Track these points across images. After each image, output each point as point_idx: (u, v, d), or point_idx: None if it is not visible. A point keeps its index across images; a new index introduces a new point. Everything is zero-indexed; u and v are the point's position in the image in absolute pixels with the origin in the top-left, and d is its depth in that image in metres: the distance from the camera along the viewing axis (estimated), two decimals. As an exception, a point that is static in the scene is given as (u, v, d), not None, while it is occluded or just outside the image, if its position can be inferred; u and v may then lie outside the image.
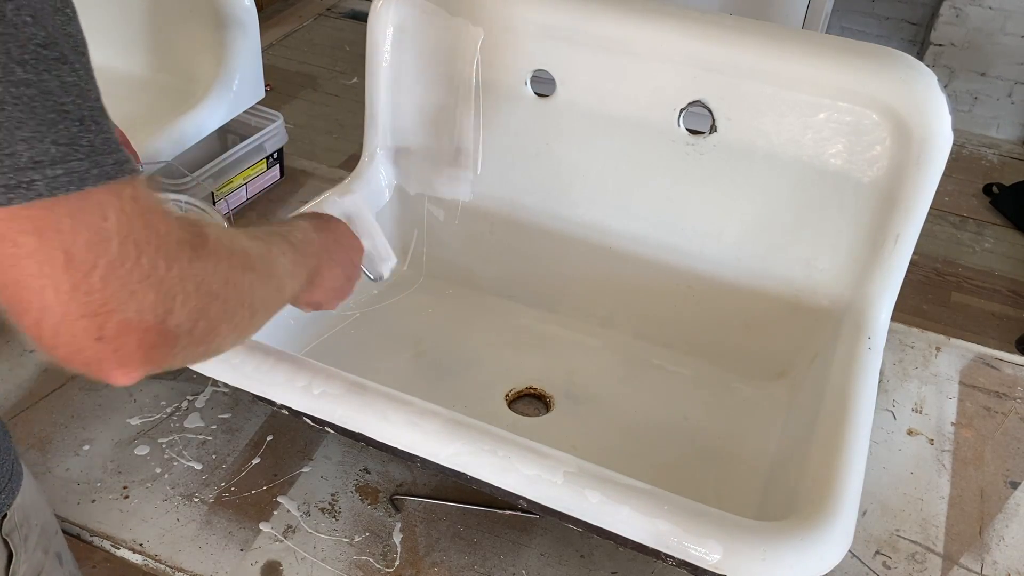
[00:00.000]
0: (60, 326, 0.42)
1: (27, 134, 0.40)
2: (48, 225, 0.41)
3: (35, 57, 0.40)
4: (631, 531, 0.63)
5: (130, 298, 0.43)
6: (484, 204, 1.01)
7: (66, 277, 0.41)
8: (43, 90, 0.41)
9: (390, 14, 0.95)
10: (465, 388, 0.92)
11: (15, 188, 0.40)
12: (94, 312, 0.42)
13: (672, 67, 0.87)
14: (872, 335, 0.82)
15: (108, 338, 0.43)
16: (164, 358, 0.46)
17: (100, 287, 0.42)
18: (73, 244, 0.41)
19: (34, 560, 0.65)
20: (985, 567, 0.81)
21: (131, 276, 0.43)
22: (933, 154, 0.79)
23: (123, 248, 0.43)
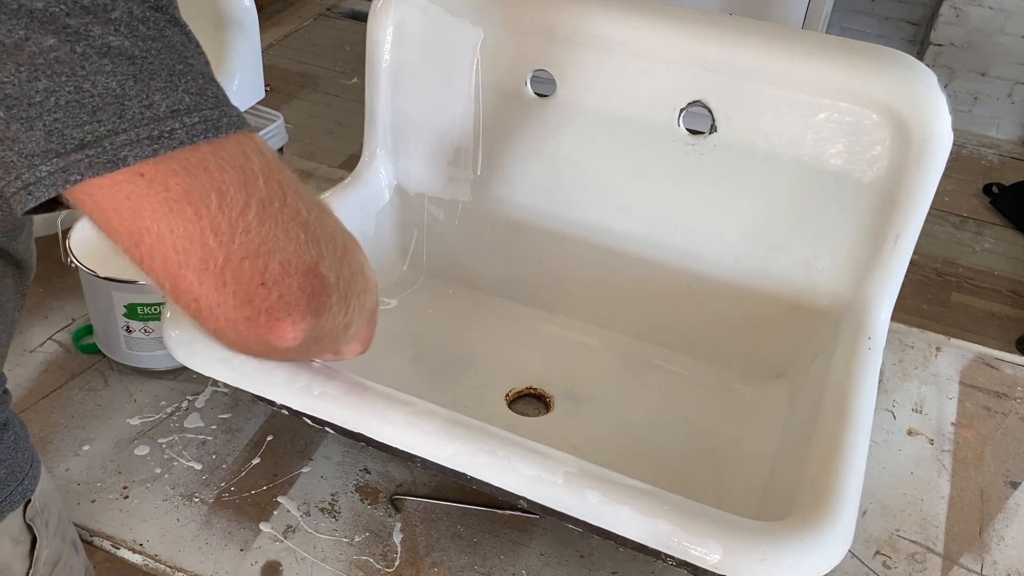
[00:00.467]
0: (225, 271, 0.42)
1: (162, 84, 0.41)
2: (196, 167, 0.41)
3: (152, 17, 0.41)
4: (631, 531, 0.63)
5: (286, 237, 0.43)
6: (484, 204, 1.01)
7: (223, 216, 0.41)
8: (167, 44, 0.42)
9: (390, 14, 0.95)
10: (465, 388, 0.92)
11: (158, 139, 0.40)
12: (255, 252, 0.42)
13: (672, 67, 0.87)
14: (872, 335, 0.82)
15: (271, 282, 0.43)
16: (322, 309, 0.46)
17: (256, 225, 0.42)
18: (223, 183, 0.41)
19: (54, 546, 0.66)
20: (985, 567, 0.81)
21: (282, 215, 0.43)
22: (933, 154, 0.79)
23: (269, 187, 0.43)
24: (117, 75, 0.40)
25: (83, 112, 0.40)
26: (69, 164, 0.40)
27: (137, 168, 0.41)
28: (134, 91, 0.40)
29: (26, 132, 0.40)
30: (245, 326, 0.44)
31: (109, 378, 0.94)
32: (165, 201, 0.41)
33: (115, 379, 0.94)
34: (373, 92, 1.00)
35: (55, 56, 0.39)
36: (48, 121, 0.40)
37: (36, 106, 0.40)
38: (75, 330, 0.99)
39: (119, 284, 0.88)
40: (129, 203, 0.41)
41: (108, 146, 0.40)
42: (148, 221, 0.41)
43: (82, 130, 0.40)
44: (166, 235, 0.41)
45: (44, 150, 0.40)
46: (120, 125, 0.40)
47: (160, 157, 0.41)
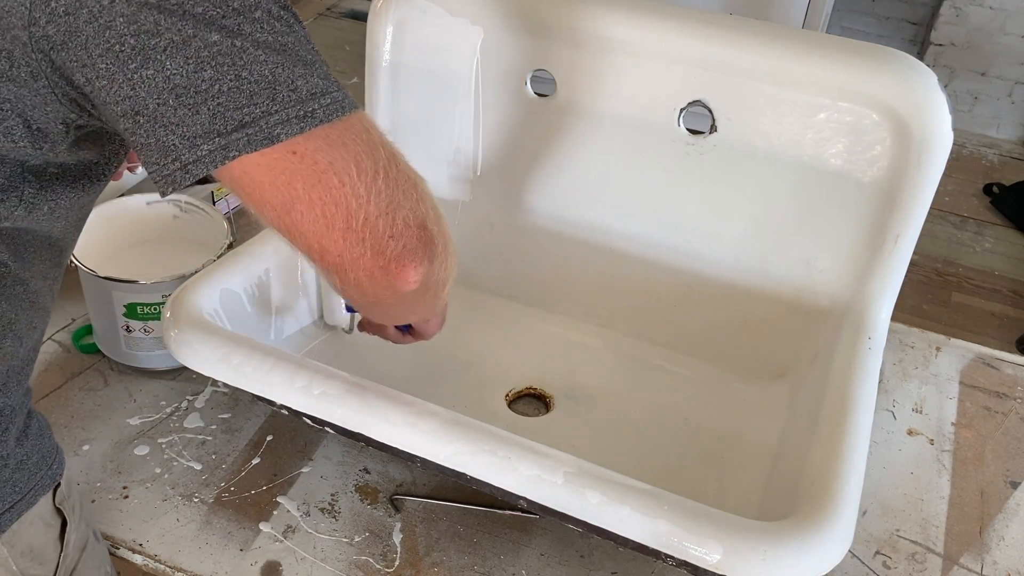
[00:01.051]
0: (364, 228, 0.50)
1: (302, 71, 0.49)
2: (336, 142, 0.49)
3: (285, 15, 0.49)
4: (631, 531, 0.63)
5: (404, 197, 0.51)
6: (484, 204, 1.01)
7: (361, 183, 0.49)
8: (298, 39, 0.50)
9: (390, 14, 0.95)
10: (465, 388, 0.92)
11: (304, 118, 0.48)
12: (385, 210, 0.50)
13: (672, 67, 0.87)
14: (872, 335, 0.82)
15: (397, 234, 0.51)
16: (433, 256, 0.54)
17: (384, 188, 0.50)
18: (357, 155, 0.49)
19: (80, 531, 0.69)
20: (985, 567, 0.81)
21: (399, 179, 0.52)
22: (933, 154, 0.79)
23: (387, 154, 0.51)
24: (269, 64, 0.47)
25: (242, 96, 0.47)
26: (230, 142, 0.47)
27: (289, 146, 0.48)
28: (282, 78, 0.48)
29: (192, 116, 0.47)
30: (380, 273, 0.52)
31: (109, 378, 0.94)
32: (314, 173, 0.48)
33: (115, 379, 0.94)
34: (373, 92, 1.00)
35: (218, 50, 0.46)
36: (212, 106, 0.47)
37: (202, 93, 0.46)
38: (75, 330, 0.99)
39: (119, 284, 0.88)
40: (284, 177, 0.48)
41: (264, 125, 0.47)
42: (300, 191, 0.49)
43: (241, 112, 0.47)
44: (316, 202, 0.49)
45: (207, 131, 0.47)
46: (272, 107, 0.47)
47: (307, 133, 0.48)
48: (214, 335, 0.75)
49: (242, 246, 0.88)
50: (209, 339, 0.75)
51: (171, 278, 0.88)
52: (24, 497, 0.62)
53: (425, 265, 0.53)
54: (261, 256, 0.87)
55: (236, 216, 1.15)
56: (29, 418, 0.64)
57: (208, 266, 0.84)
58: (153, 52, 0.46)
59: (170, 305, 0.78)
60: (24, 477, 0.62)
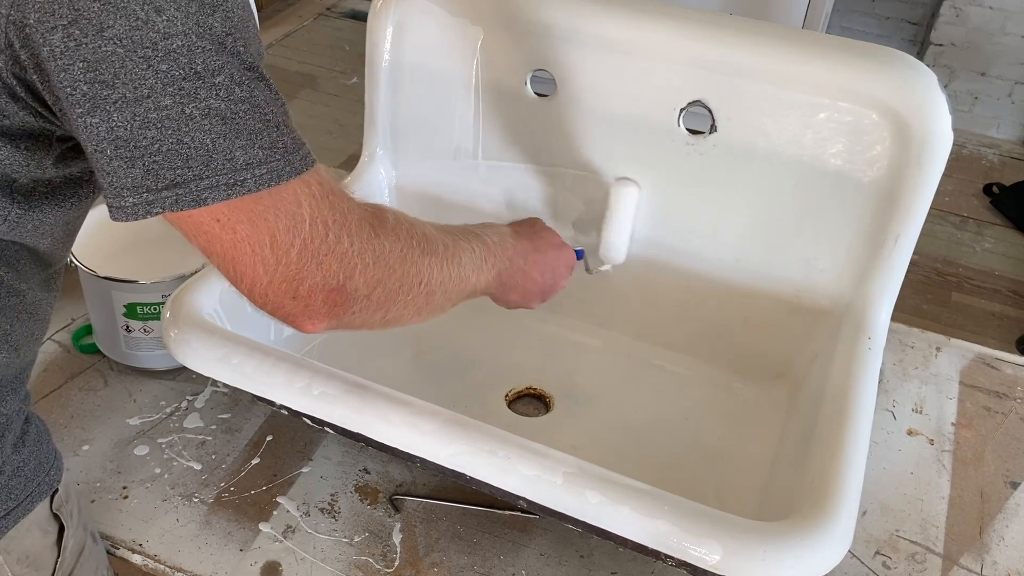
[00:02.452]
0: (267, 290, 0.54)
1: (243, 142, 0.50)
2: (257, 216, 0.51)
3: (247, 78, 0.50)
4: (631, 531, 0.63)
5: (317, 268, 0.54)
6: (484, 204, 1.01)
7: (271, 255, 0.52)
8: (253, 104, 0.50)
9: (390, 14, 0.95)
10: (465, 388, 0.92)
11: (232, 186, 0.50)
12: (291, 279, 0.54)
13: (672, 67, 0.87)
14: (872, 335, 0.82)
15: (300, 297, 0.55)
16: (344, 314, 0.58)
17: (296, 261, 0.53)
18: (276, 229, 0.52)
19: (79, 536, 0.69)
20: (985, 567, 0.81)
21: (319, 250, 0.54)
22: (933, 154, 0.79)
23: (313, 228, 0.53)
24: (212, 134, 0.49)
25: (179, 160, 0.48)
26: (156, 199, 0.49)
27: (214, 212, 0.50)
28: (222, 147, 0.49)
29: (125, 168, 0.49)
30: (281, 319, 0.57)
31: (109, 378, 0.94)
32: (232, 241, 0.52)
33: (115, 379, 0.94)
34: (373, 92, 1.00)
35: (167, 115, 0.48)
36: (148, 162, 0.48)
37: (141, 149, 0.48)
38: (75, 330, 0.99)
39: (119, 284, 0.88)
40: (204, 238, 0.52)
41: (193, 188, 0.49)
42: (218, 248, 0.52)
43: (174, 173, 0.49)
44: (229, 263, 0.53)
45: (137, 185, 0.49)
46: (205, 172, 0.49)
47: (233, 201, 0.50)
48: (214, 335, 0.75)
49: (242, 246, 0.87)
50: (209, 339, 0.75)
51: (171, 278, 0.88)
52: (20, 504, 0.62)
53: (326, 322, 0.57)
54: (261, 256, 0.87)
55: (236, 216, 1.15)
56: (27, 423, 0.64)
57: (208, 266, 0.84)
58: (103, 103, 0.47)
59: (170, 305, 0.78)
60: (20, 484, 0.62)
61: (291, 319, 0.56)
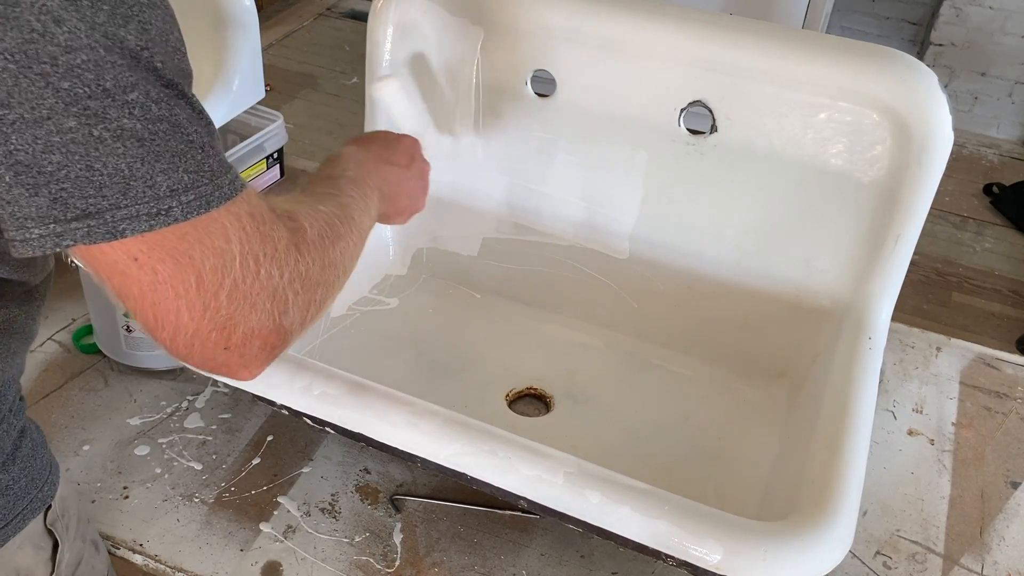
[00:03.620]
0: (193, 339, 0.47)
1: (165, 166, 0.44)
2: (182, 253, 0.45)
3: (165, 95, 0.45)
4: (631, 531, 0.63)
5: (251, 310, 0.48)
6: (484, 204, 1.01)
7: (198, 298, 0.46)
8: (173, 124, 0.45)
9: (390, 14, 0.95)
10: (465, 388, 0.92)
11: (156, 216, 0.44)
12: (221, 326, 0.47)
13: (672, 67, 0.87)
14: (872, 335, 0.82)
15: (234, 347, 0.49)
16: (280, 350, 0.52)
17: (226, 304, 0.47)
18: (203, 268, 0.46)
19: (75, 548, 0.67)
20: (986, 567, 0.81)
21: (251, 290, 0.48)
22: (933, 154, 0.79)
23: (244, 265, 0.47)
24: (127, 158, 0.43)
25: (90, 187, 0.43)
26: (66, 231, 0.43)
27: (131, 249, 0.44)
28: (140, 172, 0.44)
29: (28, 197, 0.43)
30: (210, 370, 0.51)
31: (109, 378, 0.94)
32: (152, 283, 0.46)
33: (115, 379, 0.94)
34: (373, 92, 1.00)
35: (72, 138, 0.42)
36: (54, 190, 0.43)
37: (45, 175, 0.42)
38: (75, 330, 0.99)
39: (119, 284, 0.88)
40: (120, 279, 0.46)
41: (109, 219, 0.43)
42: (135, 291, 0.46)
43: (86, 202, 0.43)
44: (148, 307, 0.46)
45: (43, 215, 0.43)
46: (123, 201, 0.43)
47: (154, 236, 0.44)
48: (214, 335, 0.75)
49: (242, 246, 0.87)
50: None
51: (171, 278, 0.88)
52: (10, 523, 0.60)
53: (264, 366, 0.52)
54: (261, 256, 0.87)
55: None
56: (22, 437, 0.61)
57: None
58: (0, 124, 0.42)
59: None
60: (10, 503, 0.60)
61: (223, 370, 0.50)
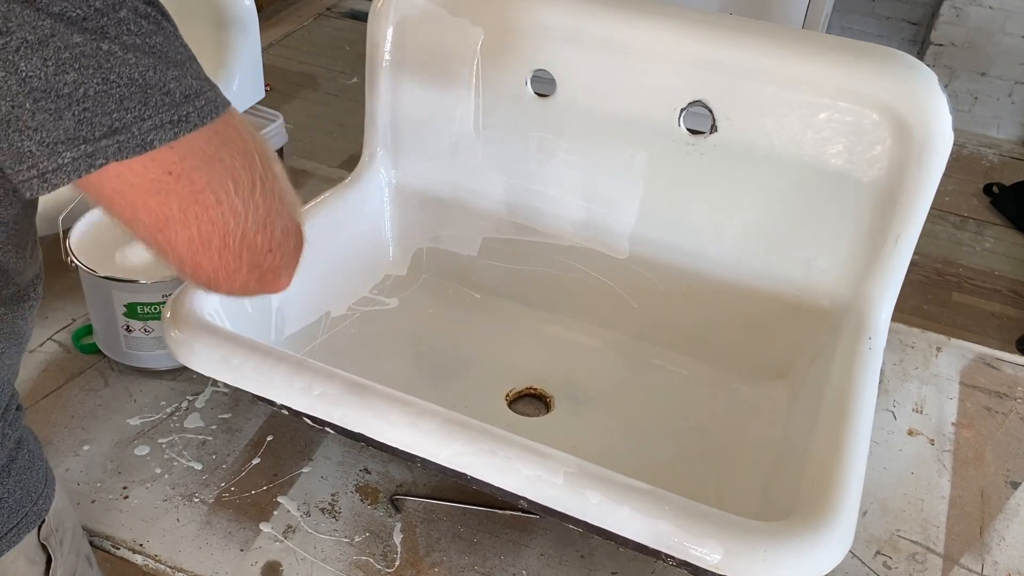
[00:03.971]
0: (241, 248, 0.48)
1: (176, 73, 0.45)
2: (211, 157, 0.46)
3: (148, 16, 0.45)
4: (631, 531, 0.63)
5: (280, 205, 0.50)
6: (484, 204, 1.01)
7: (238, 199, 0.47)
8: (167, 37, 0.46)
9: (390, 14, 0.95)
10: (465, 388, 0.92)
11: (178, 123, 0.45)
12: (263, 224, 0.48)
13: (672, 67, 0.87)
14: (872, 335, 0.82)
15: (276, 247, 0.50)
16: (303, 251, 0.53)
17: (261, 201, 0.48)
18: (235, 169, 0.47)
19: (69, 563, 0.66)
20: (986, 567, 0.81)
21: (275, 188, 0.49)
22: (933, 154, 0.79)
23: (263, 164, 0.49)
24: (140, 67, 0.44)
25: (111, 101, 0.43)
26: (97, 149, 0.43)
27: (164, 164, 0.45)
28: (154, 81, 0.44)
29: (54, 121, 0.43)
30: (255, 285, 0.51)
31: (109, 378, 0.94)
32: (191, 193, 0.46)
33: (115, 379, 0.94)
34: (373, 92, 1.00)
35: (81, 51, 0.42)
36: (78, 111, 0.43)
37: (65, 97, 0.42)
38: (75, 330, 0.99)
39: (119, 284, 0.88)
40: (160, 197, 0.45)
41: (136, 131, 0.44)
42: (176, 211, 0.46)
43: (111, 117, 0.43)
44: (192, 221, 0.46)
45: (71, 137, 0.43)
46: (145, 112, 0.44)
47: (183, 145, 0.45)
48: (214, 335, 0.75)
49: (242, 246, 0.87)
50: (209, 339, 0.75)
51: (171, 278, 0.88)
52: (3, 537, 0.59)
53: (296, 267, 0.53)
54: (261, 256, 0.87)
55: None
56: (18, 448, 0.60)
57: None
58: (3, 53, 0.41)
59: (170, 305, 0.78)
60: (3, 517, 0.59)
61: (268, 277, 0.50)
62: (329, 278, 0.96)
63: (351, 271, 1.00)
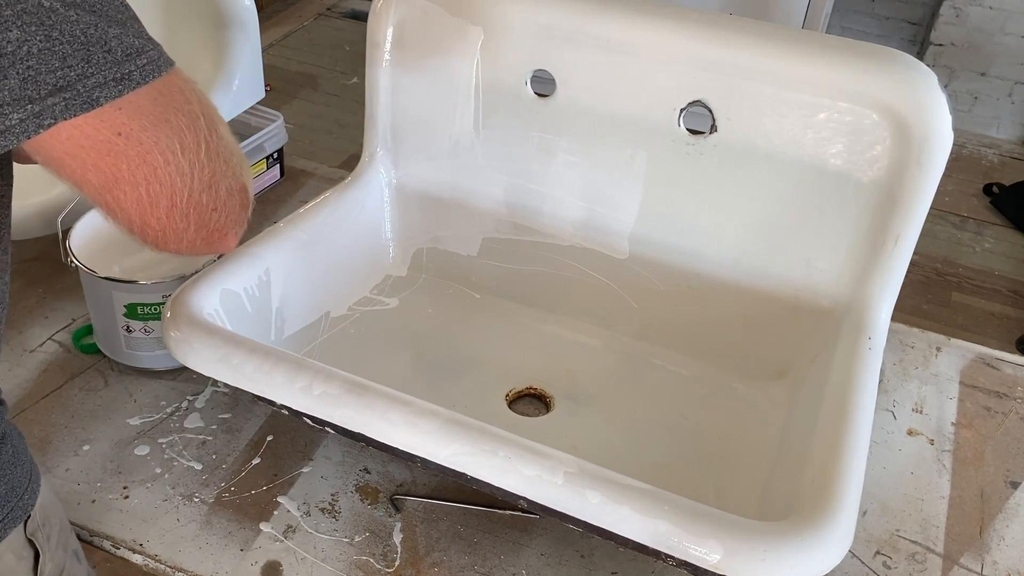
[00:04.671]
0: (188, 206, 0.48)
1: (117, 31, 0.45)
2: (159, 117, 0.47)
3: None
4: (631, 531, 0.63)
5: (226, 165, 0.50)
6: (484, 204, 1.01)
7: (184, 160, 0.48)
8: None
9: (390, 14, 0.95)
10: (465, 388, 0.92)
11: (121, 80, 0.45)
12: (207, 184, 0.49)
13: (672, 67, 0.87)
14: (872, 335, 0.82)
15: (221, 206, 0.50)
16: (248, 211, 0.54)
17: (207, 161, 0.49)
18: (182, 130, 0.47)
19: (57, 558, 0.66)
20: (985, 567, 0.81)
21: (220, 146, 0.50)
22: (933, 154, 0.79)
23: (208, 123, 0.49)
24: (81, 23, 0.44)
25: (54, 59, 0.43)
26: (44, 108, 0.43)
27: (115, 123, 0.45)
28: (95, 38, 0.44)
29: None
30: (201, 244, 0.52)
31: (109, 378, 0.94)
32: (139, 154, 0.46)
33: (115, 379, 0.94)
34: (373, 92, 1.00)
35: (22, 8, 0.42)
36: (22, 69, 0.42)
37: (8, 56, 0.42)
38: (75, 330, 0.99)
39: (119, 284, 0.88)
40: (109, 158, 0.46)
41: (81, 88, 0.44)
42: (125, 172, 0.47)
43: (55, 75, 0.43)
44: (140, 182, 0.47)
45: (18, 97, 0.43)
46: (88, 69, 0.44)
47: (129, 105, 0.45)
48: (214, 335, 0.75)
49: (242, 246, 0.88)
50: (209, 339, 0.75)
51: (171, 278, 0.88)
52: None
53: (243, 225, 0.54)
54: (261, 256, 0.87)
55: (236, 216, 1.15)
56: (1, 444, 0.60)
57: (208, 266, 0.84)
58: None
59: (170, 305, 0.78)
60: None
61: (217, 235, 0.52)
62: (329, 278, 0.96)
63: (351, 271, 1.00)
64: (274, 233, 0.90)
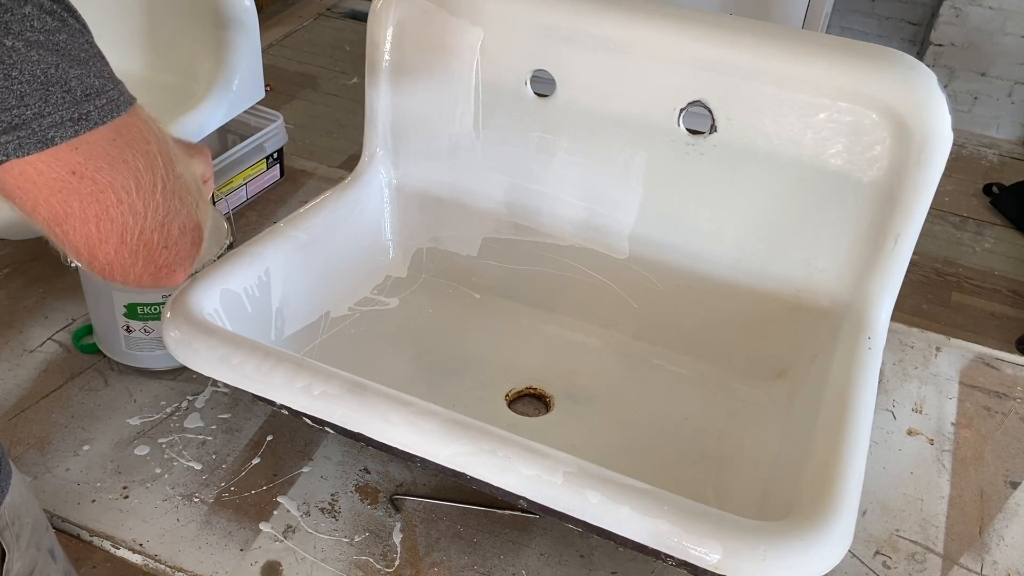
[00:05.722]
0: (138, 244, 0.49)
1: (77, 71, 0.46)
2: (115, 158, 0.47)
3: (54, 12, 0.45)
4: (631, 531, 0.63)
5: (181, 204, 0.51)
6: (484, 204, 1.01)
7: (139, 199, 0.48)
8: (71, 34, 0.46)
9: (390, 14, 0.95)
10: (465, 388, 0.92)
11: (78, 120, 0.46)
12: (160, 223, 0.50)
13: (672, 67, 0.87)
14: (872, 335, 0.82)
15: (171, 244, 0.51)
16: (200, 248, 0.55)
17: (162, 200, 0.49)
18: (136, 169, 0.48)
19: (27, 557, 0.65)
20: (985, 567, 0.81)
21: (175, 186, 0.50)
22: (933, 154, 0.79)
23: (165, 163, 0.50)
24: (41, 64, 0.44)
25: (12, 97, 0.44)
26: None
27: (70, 162, 0.46)
28: (55, 78, 0.45)
29: None
30: (149, 279, 0.52)
31: (109, 378, 0.94)
32: (93, 192, 0.47)
33: (115, 379, 0.94)
34: (373, 92, 1.00)
35: None
36: None
37: None
38: (75, 330, 0.99)
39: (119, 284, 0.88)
40: (62, 195, 0.47)
41: (36, 127, 0.45)
42: (76, 208, 0.47)
43: (11, 114, 0.44)
44: (91, 219, 0.48)
45: None
46: (45, 108, 0.45)
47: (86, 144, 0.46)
48: (214, 335, 0.75)
49: (242, 246, 0.88)
50: (209, 339, 0.75)
51: (171, 278, 0.88)
52: None
53: (192, 263, 0.55)
54: (261, 256, 0.87)
55: (236, 216, 1.15)
56: None
57: (208, 266, 0.84)
58: None
59: (170, 305, 0.78)
60: None
61: (164, 271, 0.52)
62: (329, 278, 0.96)
63: (351, 271, 1.00)
64: (274, 233, 0.90)
